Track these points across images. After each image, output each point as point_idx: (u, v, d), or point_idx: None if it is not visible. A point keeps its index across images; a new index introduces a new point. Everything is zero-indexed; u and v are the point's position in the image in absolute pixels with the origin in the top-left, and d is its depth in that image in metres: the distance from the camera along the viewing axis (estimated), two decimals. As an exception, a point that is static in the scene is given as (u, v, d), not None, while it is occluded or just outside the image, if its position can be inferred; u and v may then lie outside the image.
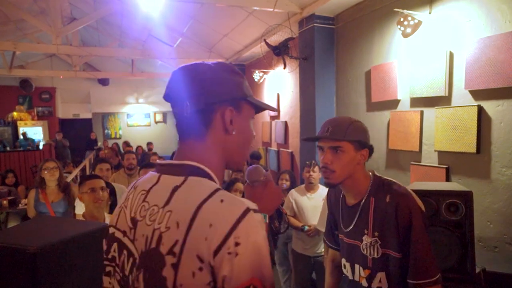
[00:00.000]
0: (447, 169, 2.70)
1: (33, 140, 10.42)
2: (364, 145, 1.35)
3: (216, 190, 0.72)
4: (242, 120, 0.83)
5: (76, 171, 6.35)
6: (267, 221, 0.90)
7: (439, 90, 2.72)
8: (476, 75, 2.43)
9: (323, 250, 3.24)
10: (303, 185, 3.42)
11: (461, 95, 2.58)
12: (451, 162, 2.69)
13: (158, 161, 0.84)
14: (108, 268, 0.82)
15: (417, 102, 2.97)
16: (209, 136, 0.80)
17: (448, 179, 2.69)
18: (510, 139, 2.27)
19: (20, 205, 4.80)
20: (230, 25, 5.46)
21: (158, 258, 0.69)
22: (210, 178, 0.78)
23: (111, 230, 0.83)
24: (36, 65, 10.60)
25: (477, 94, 2.47)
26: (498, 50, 2.29)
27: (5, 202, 4.76)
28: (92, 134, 11.63)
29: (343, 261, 1.47)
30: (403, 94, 3.12)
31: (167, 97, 0.85)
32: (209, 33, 6.26)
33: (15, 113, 10.98)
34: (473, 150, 2.47)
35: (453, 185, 2.00)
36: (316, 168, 3.31)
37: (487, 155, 2.41)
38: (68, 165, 7.22)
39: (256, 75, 5.67)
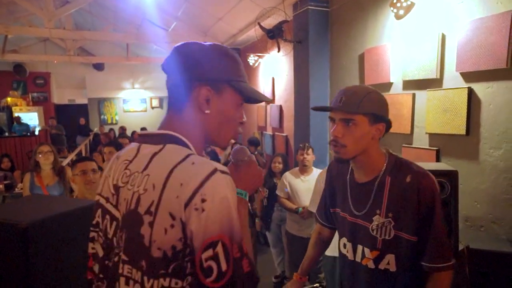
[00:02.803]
0: (438, 151, 2.73)
1: (27, 126, 10.34)
2: (380, 118, 1.21)
3: (189, 155, 0.77)
4: (222, 103, 0.85)
5: (72, 156, 6.36)
6: (247, 198, 0.93)
7: (431, 72, 2.73)
8: (467, 57, 2.44)
9: (316, 231, 3.30)
10: (297, 168, 3.46)
11: (452, 77, 2.59)
12: (441, 144, 2.72)
13: (138, 132, 0.89)
14: (92, 234, 0.87)
15: (409, 84, 2.99)
16: (186, 111, 0.84)
17: (438, 161, 2.72)
18: (498, 121, 2.30)
19: (16, 189, 4.83)
20: (225, 8, 5.40)
21: (137, 218, 0.74)
22: (187, 146, 0.82)
23: (97, 197, 0.88)
24: (29, 50, 10.46)
25: (468, 76, 2.49)
26: (490, 32, 2.29)
27: (1, 186, 4.78)
28: (81, 120, 11.48)
29: (344, 240, 1.39)
30: (396, 77, 3.13)
31: (163, 68, 0.88)
32: (203, 17, 6.19)
33: (9, 99, 10.89)
34: (463, 132, 2.50)
35: (440, 165, 2.04)
36: (310, 151, 3.34)
37: (476, 137, 2.45)
38: (63, 150, 7.21)
39: (251, 59, 5.64)
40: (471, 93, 2.46)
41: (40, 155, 3.08)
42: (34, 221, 1.08)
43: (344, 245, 1.38)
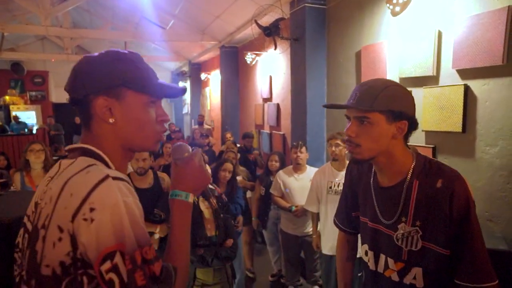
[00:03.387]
0: (434, 149, 2.72)
1: (25, 124, 10.30)
2: (401, 115, 1.07)
3: (90, 165, 0.74)
4: (126, 107, 0.81)
5: (69, 155, 6.34)
6: (189, 199, 0.87)
7: (427, 69, 2.72)
8: (464, 54, 2.42)
9: (310, 230, 3.28)
10: (290, 166, 3.45)
11: (449, 75, 2.58)
12: (437, 141, 2.70)
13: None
14: (15, 255, 0.83)
15: (406, 82, 2.96)
16: (93, 126, 0.81)
17: (434, 158, 2.70)
18: (494, 118, 2.29)
19: (12, 187, 4.80)
20: (222, 6, 5.38)
21: (35, 233, 0.72)
22: (99, 158, 0.79)
23: (24, 217, 0.85)
24: (27, 48, 10.44)
25: (464, 73, 2.47)
26: (486, 28, 2.27)
27: (-4, 184, 4.76)
28: (76, 119, 11.38)
29: (365, 247, 1.27)
30: (393, 74, 3.11)
31: (66, 90, 0.84)
32: (201, 15, 6.17)
33: (7, 97, 10.86)
34: (459, 129, 2.48)
35: (435, 162, 2.02)
36: (303, 149, 3.33)
37: (472, 134, 2.43)
38: (60, 149, 7.20)
39: (248, 57, 5.62)
40: (467, 90, 2.44)
41: (31, 153, 3.03)
42: (18, 217, 1.06)
43: (366, 253, 1.27)
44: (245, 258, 3.93)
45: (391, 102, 1.06)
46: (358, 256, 1.49)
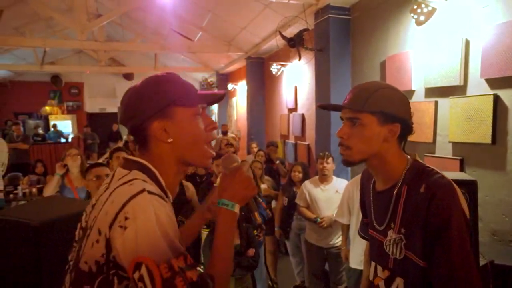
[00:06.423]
0: (461, 161, 2.63)
1: (61, 133, 10.88)
2: (393, 118, 1.03)
3: (136, 179, 0.80)
4: (179, 124, 0.86)
5: (101, 160, 6.59)
6: (234, 209, 0.90)
7: (454, 79, 2.65)
8: (492, 62, 2.35)
9: (336, 241, 3.23)
10: (317, 177, 3.42)
11: (477, 84, 2.50)
12: (465, 153, 2.61)
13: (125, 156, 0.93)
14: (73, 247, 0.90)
15: (431, 92, 2.90)
16: (151, 146, 0.87)
17: (462, 170, 2.61)
18: (526, 129, 2.19)
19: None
20: (248, 18, 5.48)
21: (85, 231, 0.81)
22: (152, 174, 0.84)
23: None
24: (65, 61, 11.03)
25: (493, 82, 2.39)
26: (515, 36, 2.20)
27: (34, 189, 5.07)
28: (113, 126, 11.79)
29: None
30: (418, 84, 3.05)
31: (120, 123, 0.92)
32: (227, 27, 6.31)
33: (47, 108, 11.52)
34: (488, 140, 2.39)
35: (459, 175, 1.96)
36: (330, 160, 3.29)
37: (503, 146, 2.33)
38: (92, 155, 7.53)
39: (274, 68, 5.68)
40: (497, 100, 2.35)
41: (68, 157, 3.25)
42: (46, 220, 1.13)
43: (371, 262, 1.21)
44: (268, 268, 3.91)
45: (383, 104, 1.03)
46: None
